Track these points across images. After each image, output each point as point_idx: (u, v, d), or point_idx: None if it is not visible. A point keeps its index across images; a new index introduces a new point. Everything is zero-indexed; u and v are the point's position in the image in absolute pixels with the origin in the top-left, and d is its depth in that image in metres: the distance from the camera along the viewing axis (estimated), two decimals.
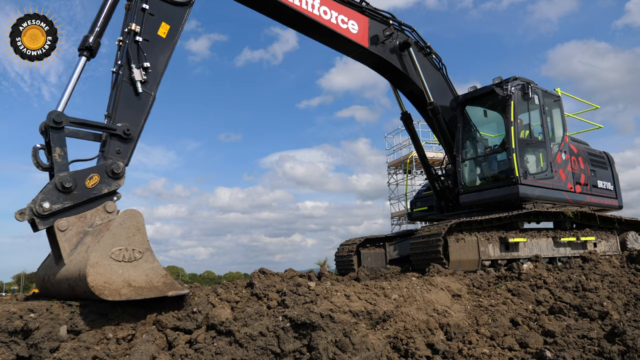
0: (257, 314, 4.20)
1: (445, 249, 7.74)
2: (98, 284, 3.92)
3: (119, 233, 4.22)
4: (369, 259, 10.20)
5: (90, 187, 4.82)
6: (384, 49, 9.00)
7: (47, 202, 4.53)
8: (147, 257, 4.31)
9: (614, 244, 9.79)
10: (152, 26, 5.76)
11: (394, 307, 4.83)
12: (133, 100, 5.45)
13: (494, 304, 5.69)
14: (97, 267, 3.97)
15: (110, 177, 4.97)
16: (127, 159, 5.26)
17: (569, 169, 9.59)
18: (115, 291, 4.00)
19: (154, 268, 4.31)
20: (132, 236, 4.28)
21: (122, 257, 4.16)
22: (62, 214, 4.59)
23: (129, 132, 5.26)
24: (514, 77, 9.27)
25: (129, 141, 5.29)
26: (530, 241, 8.64)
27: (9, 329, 3.72)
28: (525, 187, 8.58)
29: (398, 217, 32.64)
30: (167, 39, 5.87)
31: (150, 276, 4.25)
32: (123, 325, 4.08)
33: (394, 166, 33.38)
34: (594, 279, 6.71)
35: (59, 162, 4.72)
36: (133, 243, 4.27)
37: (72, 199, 4.66)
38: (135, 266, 4.21)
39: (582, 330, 4.99)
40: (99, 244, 4.11)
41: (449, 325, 4.83)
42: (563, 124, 9.88)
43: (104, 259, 4.04)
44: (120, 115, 5.31)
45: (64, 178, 4.62)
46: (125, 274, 4.12)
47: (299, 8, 7.72)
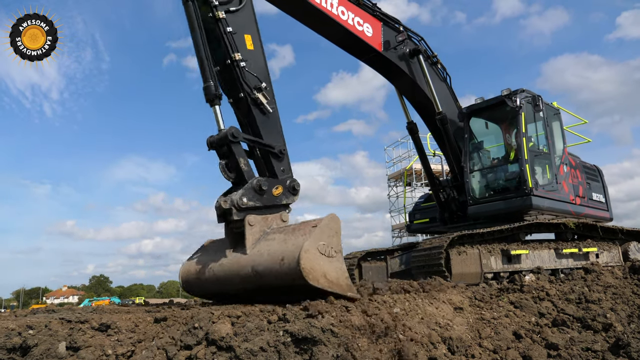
0: (257, 329, 4.16)
1: (447, 262, 7.70)
2: (307, 266, 4.51)
3: (325, 231, 4.86)
4: (370, 272, 10.14)
5: (276, 195, 5.54)
6: (395, 55, 9.07)
7: (246, 198, 5.22)
8: (339, 257, 4.90)
9: (616, 254, 9.74)
10: (242, 45, 5.96)
11: (396, 321, 4.79)
12: (267, 121, 5.94)
13: (497, 316, 5.64)
14: (308, 253, 4.56)
15: (290, 192, 5.70)
16: (291, 175, 5.90)
17: (570, 181, 9.63)
18: (316, 278, 4.58)
19: (342, 269, 4.90)
20: (332, 237, 4.90)
21: (325, 252, 4.76)
22: (252, 211, 5.25)
23: (283, 150, 5.90)
24: (521, 89, 9.32)
25: (284, 158, 5.92)
26: (532, 253, 8.60)
27: (8, 345, 3.69)
28: (537, 198, 8.62)
29: (399, 230, 32.56)
30: (255, 50, 6.10)
31: (338, 274, 4.82)
32: (123, 341, 4.05)
33: (394, 178, 33.38)
34: (596, 290, 6.66)
35: (246, 170, 5.47)
36: (331, 242, 4.86)
37: (262, 201, 5.37)
38: (331, 262, 4.78)
39: (586, 343, 4.94)
40: (310, 236, 4.71)
41: (451, 339, 4.79)
42: (563, 137, 9.96)
43: (313, 249, 4.64)
44: (267, 138, 5.83)
45: (261, 181, 5.36)
46: (324, 267, 4.70)
47: (319, 5, 7.77)
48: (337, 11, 8.08)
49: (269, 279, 4.87)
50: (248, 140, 5.68)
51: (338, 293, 4.75)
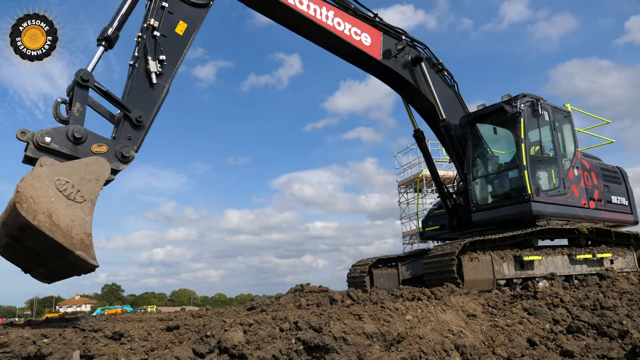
0: (269, 337, 4.16)
1: (460, 269, 7.64)
2: (24, 193, 3.78)
3: (77, 169, 4.21)
4: (381, 279, 10.09)
5: (95, 152, 4.86)
6: (396, 63, 9.12)
7: (50, 137, 4.58)
8: (85, 207, 4.15)
9: (631, 260, 9.61)
10: (170, 24, 6.03)
11: (408, 328, 4.76)
12: (147, 91, 5.64)
13: (510, 323, 5.58)
14: (35, 181, 3.86)
15: (117, 157, 5.04)
16: (137, 146, 5.38)
17: (582, 185, 9.48)
18: (34, 211, 3.79)
19: (84, 220, 4.11)
20: (88, 181, 4.24)
21: (64, 190, 4.04)
22: (54, 155, 4.59)
23: (141, 119, 5.40)
24: (522, 94, 9.25)
25: (141, 129, 5.42)
26: (546, 259, 8.51)
27: (23, 354, 3.72)
28: (538, 204, 8.49)
29: (410, 237, 32.39)
30: (183, 37, 6.14)
31: (74, 224, 4.04)
32: (136, 349, 4.06)
33: (404, 185, 33.24)
34: (612, 296, 6.58)
35: (76, 115, 4.89)
36: (84, 187, 4.19)
37: (72, 151, 4.71)
38: (69, 207, 4.03)
39: (601, 350, 4.87)
40: (52, 165, 4.06)
41: (464, 347, 4.74)
42: (574, 140, 9.80)
43: (47, 179, 3.93)
44: (134, 104, 5.46)
45: (77, 129, 4.75)
46: (54, 205, 3.94)
47: (314, 18, 8.00)
48: (333, 22, 8.27)
49: (8, 221, 4.02)
50: (100, 89, 5.18)
51: (63, 245, 3.89)
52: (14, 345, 3.77)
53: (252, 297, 9.09)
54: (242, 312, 7.22)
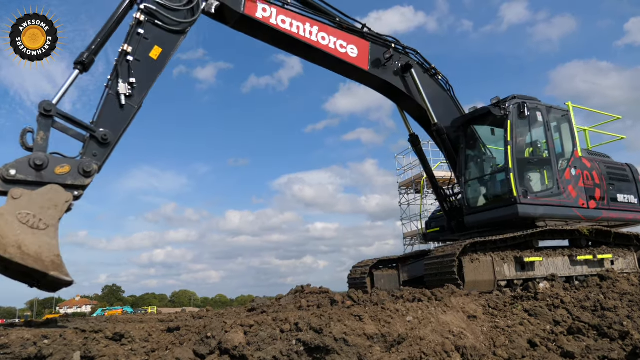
0: (270, 338, 4.16)
1: (460, 270, 7.64)
2: None
3: (35, 200, 4.60)
4: (382, 280, 10.09)
5: (58, 174, 5.17)
6: (385, 72, 9.14)
7: (15, 170, 4.92)
8: (49, 232, 4.53)
9: (631, 261, 9.60)
10: (145, 48, 6.34)
11: (408, 330, 4.76)
12: (116, 111, 5.98)
13: (511, 324, 5.58)
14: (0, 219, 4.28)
15: (80, 173, 5.35)
16: (101, 162, 5.71)
17: (580, 185, 9.39)
18: (4, 246, 4.25)
19: (50, 245, 4.51)
20: (47, 209, 4.63)
21: (27, 221, 4.45)
22: (23, 185, 4.90)
23: (107, 137, 5.74)
24: (512, 96, 9.24)
25: (106, 146, 5.76)
26: (546, 260, 8.50)
27: (23, 355, 3.72)
28: (526, 206, 8.43)
29: (410, 238, 32.38)
30: (157, 61, 6.45)
31: (42, 249, 4.45)
32: (137, 350, 4.07)
33: (405, 186, 33.24)
34: (612, 297, 6.58)
35: (39, 144, 5.23)
36: (44, 215, 4.58)
37: (37, 177, 5.03)
38: (35, 235, 4.44)
39: (602, 351, 4.87)
40: (13, 200, 4.46)
41: (465, 348, 4.74)
42: (572, 139, 9.69)
43: (9, 215, 4.37)
44: (102, 123, 5.83)
45: (37, 157, 5.07)
46: (21, 237, 4.36)
47: (297, 35, 8.11)
48: (317, 37, 8.34)
49: None
50: (63, 116, 5.53)
51: (37, 269, 4.36)
52: (14, 347, 3.77)
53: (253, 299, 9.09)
54: (242, 313, 7.22)
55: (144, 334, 4.28)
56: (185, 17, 6.75)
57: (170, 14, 6.58)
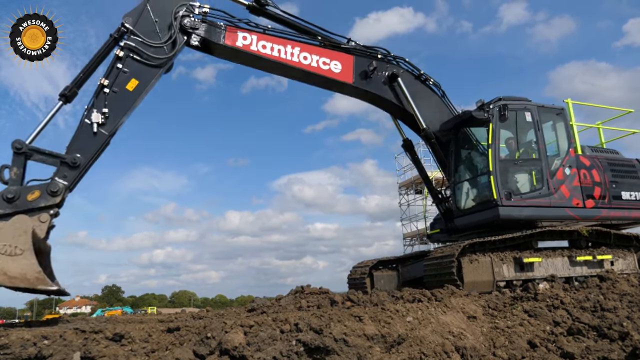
0: (270, 339, 4.17)
1: (459, 270, 7.65)
2: None
3: (6, 232, 5.30)
4: (382, 281, 10.09)
5: (30, 200, 5.87)
6: (371, 83, 9.15)
7: None
8: (26, 255, 5.22)
9: (631, 262, 9.59)
10: (122, 80, 6.86)
11: (408, 330, 4.76)
12: (89, 137, 6.53)
13: (511, 325, 5.58)
14: None
15: (49, 194, 6.00)
16: (71, 183, 6.27)
17: (575, 184, 9.28)
18: None
19: (30, 265, 5.21)
20: (18, 236, 5.29)
21: (5, 251, 5.18)
22: (4, 218, 5.62)
23: (76, 161, 6.30)
24: (498, 98, 9.23)
25: (76, 169, 6.32)
26: (546, 261, 8.50)
27: (23, 355, 3.73)
28: (509, 208, 8.41)
29: (410, 238, 32.41)
30: (133, 92, 6.93)
31: (25, 270, 5.19)
32: (137, 351, 4.07)
33: (405, 186, 33.28)
34: (612, 298, 6.58)
35: (13, 178, 5.92)
36: (17, 242, 5.26)
37: (13, 208, 5.75)
38: (15, 260, 5.18)
39: (602, 352, 4.87)
40: None
41: (465, 348, 4.75)
42: (568, 137, 9.56)
43: None
44: (74, 148, 6.42)
45: (9, 191, 5.78)
46: (3, 265, 5.14)
47: (278, 59, 8.30)
48: (299, 58, 8.46)
49: None
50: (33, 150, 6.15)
51: (26, 287, 5.19)
52: (14, 347, 3.78)
53: (253, 299, 9.08)
54: (242, 314, 7.21)
55: (143, 334, 4.28)
56: (165, 53, 7.19)
57: (150, 51, 7.06)
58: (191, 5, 7.54)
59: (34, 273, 5.21)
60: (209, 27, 7.74)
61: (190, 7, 7.54)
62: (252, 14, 8.40)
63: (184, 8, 7.44)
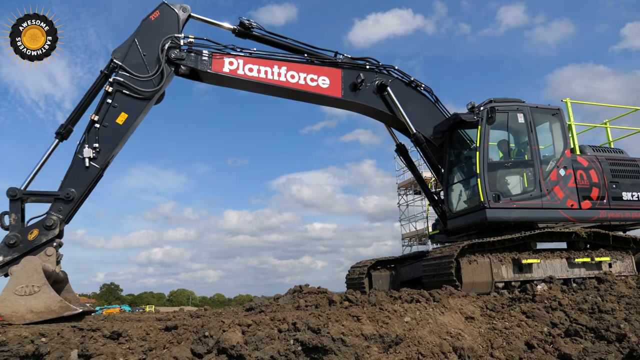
0: (268, 338, 4.17)
1: (458, 271, 7.65)
2: (7, 313, 5.47)
3: (20, 275, 5.67)
4: (380, 281, 10.10)
5: (31, 239, 6.28)
6: (360, 95, 9.19)
7: (1, 256, 6.11)
8: (44, 289, 5.64)
9: (629, 264, 9.58)
10: (112, 115, 7.12)
11: (406, 330, 4.77)
12: (81, 172, 6.86)
13: (509, 326, 5.59)
14: (5, 302, 5.51)
15: (46, 229, 6.38)
16: (66, 216, 6.63)
17: (571, 185, 9.23)
18: (21, 317, 5.46)
19: (51, 297, 5.65)
20: (32, 276, 5.68)
21: (24, 292, 5.59)
22: (14, 262, 6.01)
23: (69, 195, 6.65)
24: (488, 100, 9.24)
25: (70, 202, 6.67)
26: (544, 262, 8.50)
27: (21, 353, 3.72)
28: (497, 210, 8.40)
29: (409, 239, 32.42)
30: (123, 125, 7.18)
31: (48, 303, 5.61)
32: (134, 349, 4.07)
33: (404, 187, 33.29)
34: (610, 300, 6.59)
35: (12, 224, 6.32)
36: (33, 280, 5.66)
37: (18, 251, 6.18)
38: (36, 297, 5.58)
39: (599, 354, 4.88)
40: (6, 285, 5.64)
41: (462, 349, 4.75)
42: (564, 138, 9.43)
43: (10, 295, 5.55)
44: (68, 183, 6.77)
45: (9, 237, 6.19)
46: (28, 304, 5.54)
47: (265, 80, 8.42)
48: (286, 78, 8.54)
49: None
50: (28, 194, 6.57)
51: (55, 317, 5.56)
52: (12, 344, 3.78)
53: (251, 298, 9.07)
54: (240, 313, 7.21)
55: (141, 332, 4.28)
56: (153, 86, 7.41)
57: (139, 84, 7.29)
58: (176, 37, 7.70)
59: (56, 303, 5.62)
60: (195, 56, 7.93)
61: (176, 39, 7.70)
62: (239, 37, 8.52)
63: (170, 40, 7.62)
